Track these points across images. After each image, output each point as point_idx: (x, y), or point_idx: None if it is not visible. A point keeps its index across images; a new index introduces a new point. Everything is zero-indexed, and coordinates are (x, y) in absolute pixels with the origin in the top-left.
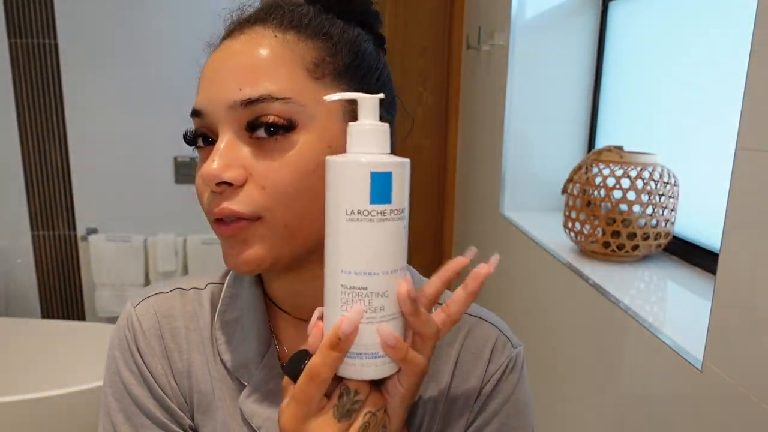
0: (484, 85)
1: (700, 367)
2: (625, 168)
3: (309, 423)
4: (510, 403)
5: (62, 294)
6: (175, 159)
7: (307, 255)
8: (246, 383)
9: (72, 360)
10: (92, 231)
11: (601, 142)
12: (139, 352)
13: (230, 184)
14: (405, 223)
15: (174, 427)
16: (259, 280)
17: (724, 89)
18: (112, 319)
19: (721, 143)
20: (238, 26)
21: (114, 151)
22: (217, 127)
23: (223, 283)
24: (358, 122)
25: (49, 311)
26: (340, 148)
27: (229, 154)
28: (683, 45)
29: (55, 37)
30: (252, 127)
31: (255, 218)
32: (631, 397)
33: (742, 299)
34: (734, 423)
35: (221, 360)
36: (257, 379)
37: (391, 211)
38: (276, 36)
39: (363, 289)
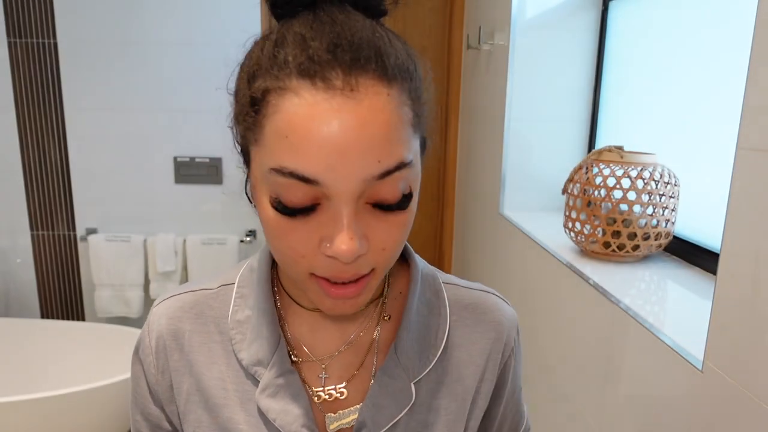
0: (484, 85)
1: (700, 368)
2: (626, 168)
3: None
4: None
5: (62, 294)
6: (175, 159)
7: None
8: (259, 379)
9: (71, 360)
10: (92, 231)
11: (601, 142)
12: (145, 351)
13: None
14: None
15: (158, 420)
16: (269, 278)
17: (724, 89)
18: (112, 320)
19: (721, 143)
20: (332, 73)
21: (113, 151)
22: (337, 196)
23: (234, 284)
24: None
25: (48, 311)
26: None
27: (358, 226)
28: (683, 45)
29: (54, 37)
30: (382, 205)
31: (370, 272)
32: (631, 398)
33: (743, 299)
34: (735, 423)
35: (236, 358)
36: (269, 375)
37: None
38: (389, 94)
39: None
